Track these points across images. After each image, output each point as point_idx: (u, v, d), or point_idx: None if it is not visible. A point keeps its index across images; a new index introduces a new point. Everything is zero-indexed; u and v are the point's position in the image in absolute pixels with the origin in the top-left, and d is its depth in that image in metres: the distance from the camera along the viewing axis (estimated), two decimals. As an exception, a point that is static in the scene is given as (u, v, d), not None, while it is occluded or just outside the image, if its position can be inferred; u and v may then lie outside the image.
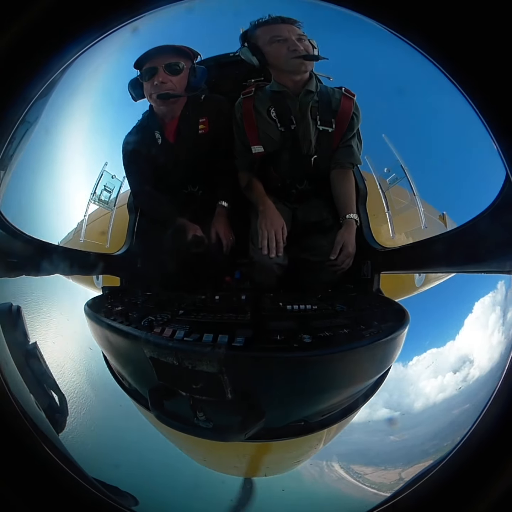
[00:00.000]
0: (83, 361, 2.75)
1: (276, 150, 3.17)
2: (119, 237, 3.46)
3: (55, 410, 2.07)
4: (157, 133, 3.14)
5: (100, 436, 2.61)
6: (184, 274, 3.47)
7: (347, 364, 1.61)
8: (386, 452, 2.56)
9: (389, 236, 3.11)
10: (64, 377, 2.33)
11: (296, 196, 3.39)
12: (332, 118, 3.00)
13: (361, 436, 2.67)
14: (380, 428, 2.58)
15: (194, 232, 3.30)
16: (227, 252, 3.22)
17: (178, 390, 1.71)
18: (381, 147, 3.08)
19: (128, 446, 2.69)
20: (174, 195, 3.51)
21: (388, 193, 3.15)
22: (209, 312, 2.04)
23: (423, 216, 2.89)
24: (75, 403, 2.29)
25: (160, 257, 3.47)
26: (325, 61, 2.81)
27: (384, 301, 2.42)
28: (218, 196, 3.32)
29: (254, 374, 1.56)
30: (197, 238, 3.28)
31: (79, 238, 3.22)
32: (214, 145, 3.20)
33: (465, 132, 1.97)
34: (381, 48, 2.27)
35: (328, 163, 3.18)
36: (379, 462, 2.54)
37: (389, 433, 2.52)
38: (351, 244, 2.88)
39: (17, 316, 1.96)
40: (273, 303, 2.17)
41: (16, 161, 1.59)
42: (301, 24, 2.70)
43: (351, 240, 2.89)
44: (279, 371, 1.56)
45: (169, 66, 2.74)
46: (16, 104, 1.37)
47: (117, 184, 3.44)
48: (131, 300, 2.50)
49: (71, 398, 2.20)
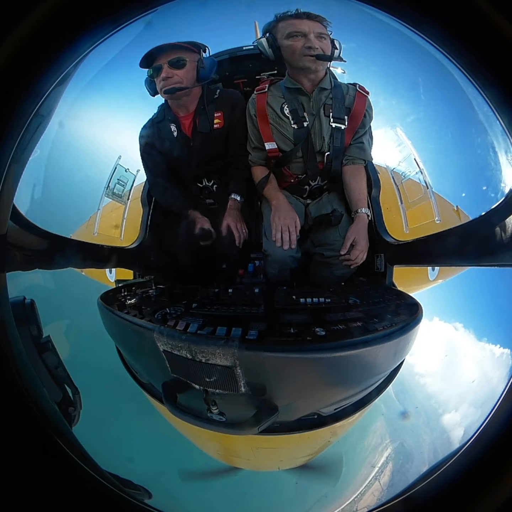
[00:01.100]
0: (97, 354, 2.76)
1: (288, 147, 3.17)
2: (132, 230, 3.47)
3: (68, 404, 2.08)
4: (173, 125, 3.16)
5: (113, 430, 2.62)
6: (198, 267, 3.49)
7: (360, 357, 1.60)
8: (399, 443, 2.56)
9: (402, 229, 3.10)
10: (77, 371, 2.34)
11: (309, 192, 3.40)
12: (345, 115, 3.00)
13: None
14: (393, 421, 2.58)
15: (202, 225, 3.33)
16: (240, 245, 3.22)
17: (191, 384, 1.71)
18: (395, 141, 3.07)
19: (142, 440, 2.70)
20: (189, 188, 3.53)
21: (402, 187, 3.14)
22: (222, 305, 2.04)
23: (437, 210, 2.88)
24: (88, 397, 2.30)
25: (173, 250, 3.49)
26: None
27: (397, 294, 2.40)
28: (231, 190, 3.33)
29: (267, 367, 1.55)
30: (204, 231, 3.29)
31: (93, 232, 3.24)
32: (228, 139, 3.21)
33: (479, 126, 1.96)
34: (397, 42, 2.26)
35: (340, 160, 3.18)
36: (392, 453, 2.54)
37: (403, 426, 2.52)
38: (363, 238, 2.87)
39: (31, 309, 1.97)
40: (287, 296, 2.16)
41: (29, 154, 1.59)
42: (329, 22, 2.67)
43: (363, 235, 2.88)
44: (292, 365, 1.55)
45: (172, 62, 2.80)
46: (30, 97, 1.37)
47: (131, 178, 3.45)
48: (145, 293, 2.50)
49: (84, 391, 2.21)
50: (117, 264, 3.09)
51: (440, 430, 2.26)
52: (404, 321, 1.83)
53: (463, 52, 1.38)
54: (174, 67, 2.84)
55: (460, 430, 1.87)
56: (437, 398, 2.63)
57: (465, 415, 2.11)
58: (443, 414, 2.38)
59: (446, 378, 2.65)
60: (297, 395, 1.70)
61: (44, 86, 1.40)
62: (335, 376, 1.64)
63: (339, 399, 2.01)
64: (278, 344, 1.52)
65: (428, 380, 2.68)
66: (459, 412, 2.23)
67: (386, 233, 3.14)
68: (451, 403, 2.39)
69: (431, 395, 2.65)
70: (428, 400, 2.63)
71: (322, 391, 1.75)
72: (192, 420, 1.68)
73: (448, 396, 2.52)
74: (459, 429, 2.01)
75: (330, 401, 1.99)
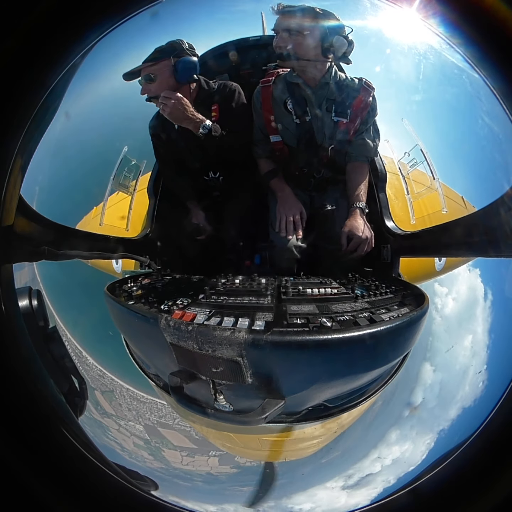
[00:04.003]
0: (103, 345, 2.77)
1: (292, 140, 3.19)
2: (138, 221, 3.48)
3: (75, 394, 2.09)
4: None
5: (119, 420, 2.63)
6: (204, 258, 3.51)
7: (366, 348, 1.60)
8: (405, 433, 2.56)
9: (409, 220, 3.09)
10: (84, 361, 2.35)
11: (313, 184, 3.42)
12: (348, 109, 3.00)
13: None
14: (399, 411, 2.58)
15: (197, 220, 3.37)
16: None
17: (198, 374, 1.71)
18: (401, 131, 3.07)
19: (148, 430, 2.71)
20: (196, 181, 3.56)
21: (408, 177, 3.13)
22: (229, 296, 2.04)
23: (444, 200, 2.88)
24: (95, 387, 2.31)
25: (179, 241, 3.50)
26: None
27: (403, 285, 2.40)
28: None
29: (274, 358, 1.55)
30: (198, 226, 3.33)
31: (99, 223, 3.24)
32: (226, 132, 3.22)
33: (486, 116, 1.95)
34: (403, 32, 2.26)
35: (344, 153, 3.20)
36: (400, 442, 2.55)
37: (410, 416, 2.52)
38: (359, 230, 2.88)
39: (37, 300, 1.97)
40: (293, 287, 2.16)
41: (36, 145, 1.59)
42: (318, 13, 2.64)
43: (359, 227, 2.90)
44: (299, 355, 1.55)
45: (145, 78, 2.99)
46: (36, 89, 1.37)
47: (137, 169, 3.47)
48: (151, 284, 2.51)
49: (90, 382, 2.22)
50: (123, 255, 3.09)
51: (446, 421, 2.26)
52: (410, 311, 1.83)
53: (469, 41, 1.38)
54: (148, 82, 3.01)
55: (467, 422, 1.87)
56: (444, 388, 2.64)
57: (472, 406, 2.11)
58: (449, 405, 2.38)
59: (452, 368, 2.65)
60: (304, 385, 1.70)
61: (50, 78, 1.41)
62: (341, 367, 1.64)
63: (345, 389, 2.02)
64: (285, 335, 1.52)
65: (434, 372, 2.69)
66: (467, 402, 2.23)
67: (392, 223, 3.14)
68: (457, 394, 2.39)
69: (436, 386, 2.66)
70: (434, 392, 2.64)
71: (329, 382, 1.75)
72: (198, 411, 1.69)
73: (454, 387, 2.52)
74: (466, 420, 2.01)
75: (337, 392, 1.99)
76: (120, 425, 2.60)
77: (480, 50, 1.36)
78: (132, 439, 2.59)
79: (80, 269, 2.75)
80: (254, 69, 4.06)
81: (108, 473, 1.56)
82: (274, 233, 3.11)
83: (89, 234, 2.72)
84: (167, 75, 3.02)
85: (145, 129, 3.37)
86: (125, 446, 2.40)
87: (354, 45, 2.72)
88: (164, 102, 2.93)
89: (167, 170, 3.66)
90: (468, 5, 1.23)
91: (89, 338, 2.63)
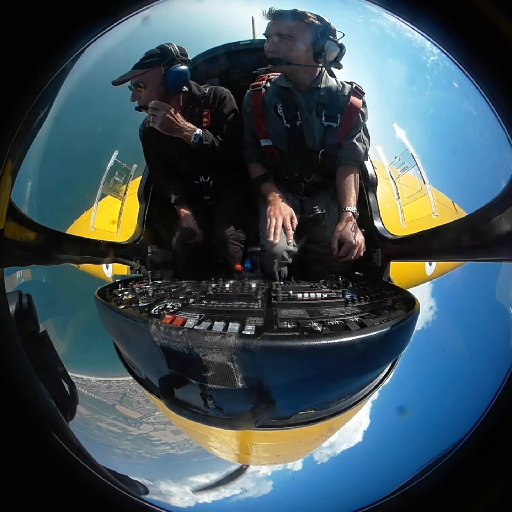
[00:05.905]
0: (94, 349, 2.77)
1: (283, 145, 3.20)
2: (129, 225, 3.48)
3: (65, 398, 2.08)
4: None
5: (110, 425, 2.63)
6: (195, 262, 3.51)
7: (356, 352, 1.60)
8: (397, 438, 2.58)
9: (399, 224, 3.11)
10: (74, 366, 2.34)
11: (304, 188, 3.43)
12: (338, 113, 3.03)
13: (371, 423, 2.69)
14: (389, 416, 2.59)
15: (187, 224, 3.38)
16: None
17: (188, 379, 1.71)
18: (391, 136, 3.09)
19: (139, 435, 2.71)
20: (187, 185, 3.58)
21: (399, 182, 3.15)
22: (219, 301, 2.04)
23: (434, 204, 2.89)
24: (85, 392, 2.31)
25: (170, 245, 3.51)
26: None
27: (394, 289, 2.41)
28: None
29: (264, 362, 1.56)
30: (188, 230, 3.34)
31: (89, 227, 3.24)
32: (217, 138, 3.24)
33: (475, 120, 1.97)
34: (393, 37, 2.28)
35: (334, 157, 3.22)
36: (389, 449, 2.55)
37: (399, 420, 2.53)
38: (351, 235, 2.90)
39: (28, 304, 1.97)
40: (284, 291, 2.16)
41: (26, 149, 1.59)
42: (310, 17, 2.66)
43: (351, 232, 2.91)
44: (289, 359, 1.55)
45: (135, 85, 3.00)
46: (26, 93, 1.36)
47: (127, 173, 3.47)
48: (142, 288, 2.50)
49: (80, 386, 2.21)
50: (114, 260, 3.09)
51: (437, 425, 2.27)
52: (400, 316, 1.83)
53: (458, 45, 1.38)
54: (138, 89, 3.02)
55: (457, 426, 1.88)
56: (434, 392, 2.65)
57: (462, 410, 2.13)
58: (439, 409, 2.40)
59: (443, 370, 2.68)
60: (294, 390, 1.70)
61: (41, 81, 1.40)
62: (331, 371, 1.65)
63: (335, 394, 2.02)
64: (275, 339, 1.53)
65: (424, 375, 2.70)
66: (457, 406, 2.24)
67: (383, 228, 3.16)
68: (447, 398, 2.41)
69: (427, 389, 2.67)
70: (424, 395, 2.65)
71: (319, 386, 1.75)
72: (188, 415, 1.69)
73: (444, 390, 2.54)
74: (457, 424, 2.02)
75: (327, 397, 2.00)
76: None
77: (470, 53, 1.37)
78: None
79: (70, 273, 2.75)
80: (245, 73, 4.08)
81: (98, 477, 1.56)
82: (265, 238, 3.11)
83: (79, 239, 2.72)
84: (157, 84, 3.05)
85: (136, 133, 3.38)
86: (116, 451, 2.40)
87: (345, 50, 2.74)
88: (153, 113, 2.94)
89: (157, 174, 3.67)
90: (456, 8, 1.24)
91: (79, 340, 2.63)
